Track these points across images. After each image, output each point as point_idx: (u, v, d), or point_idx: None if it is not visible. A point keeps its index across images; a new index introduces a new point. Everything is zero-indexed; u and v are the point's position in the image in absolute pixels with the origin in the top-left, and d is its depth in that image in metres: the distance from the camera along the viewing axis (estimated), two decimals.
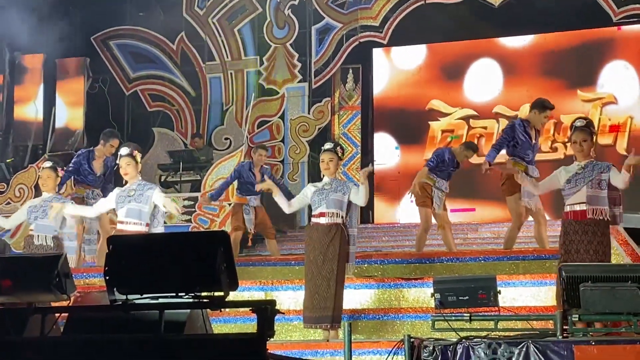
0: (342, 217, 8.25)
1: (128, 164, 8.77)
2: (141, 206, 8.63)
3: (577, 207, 7.64)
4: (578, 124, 7.89)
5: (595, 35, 15.37)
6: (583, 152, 7.79)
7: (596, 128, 14.67)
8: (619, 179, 7.57)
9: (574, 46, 15.39)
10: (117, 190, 8.92)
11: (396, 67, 16.36)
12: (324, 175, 8.53)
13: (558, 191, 7.93)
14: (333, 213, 8.24)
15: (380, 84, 16.44)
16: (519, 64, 15.65)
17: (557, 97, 15.06)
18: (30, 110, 16.91)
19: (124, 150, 8.86)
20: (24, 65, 17.15)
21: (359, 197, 8.28)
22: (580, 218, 7.60)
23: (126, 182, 8.90)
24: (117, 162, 8.99)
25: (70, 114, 16.75)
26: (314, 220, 8.36)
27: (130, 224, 8.59)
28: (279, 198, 8.59)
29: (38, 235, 9.01)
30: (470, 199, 15.20)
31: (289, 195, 9.61)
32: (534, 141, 9.78)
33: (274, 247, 11.31)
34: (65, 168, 10.06)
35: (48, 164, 9.41)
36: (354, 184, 8.58)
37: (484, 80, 15.78)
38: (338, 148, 8.55)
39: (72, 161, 10.98)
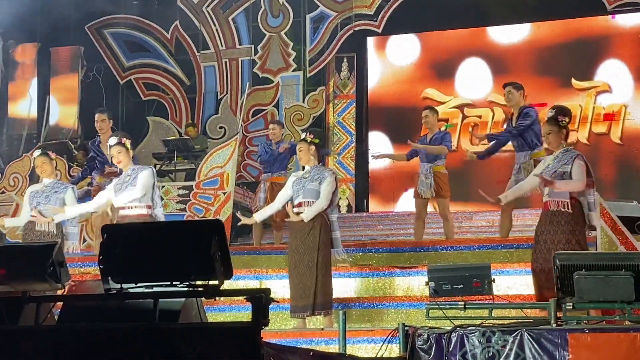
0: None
1: (119, 152, 8.69)
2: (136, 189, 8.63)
3: (545, 199, 7.78)
4: (549, 114, 8.05)
5: (589, 30, 15.27)
6: (550, 144, 7.90)
7: (590, 117, 14.70)
8: (568, 183, 7.63)
9: (568, 42, 15.30)
10: (114, 181, 8.85)
11: (390, 63, 16.21)
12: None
13: None
14: (310, 202, 8.24)
15: (373, 80, 16.35)
16: (512, 62, 15.55)
17: (551, 92, 15.08)
18: (23, 106, 16.87)
19: (112, 140, 8.78)
20: (16, 59, 17.10)
21: (320, 197, 8.26)
22: (547, 208, 7.73)
23: (121, 171, 8.88)
24: (109, 152, 8.94)
25: (62, 111, 16.70)
26: (295, 210, 8.32)
27: (133, 208, 8.57)
28: (262, 213, 8.57)
29: (41, 223, 8.87)
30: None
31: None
32: None
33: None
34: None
35: (37, 152, 9.36)
36: (331, 172, 8.52)
37: (475, 81, 15.69)
38: (306, 134, 8.57)
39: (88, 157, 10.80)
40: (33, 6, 16.04)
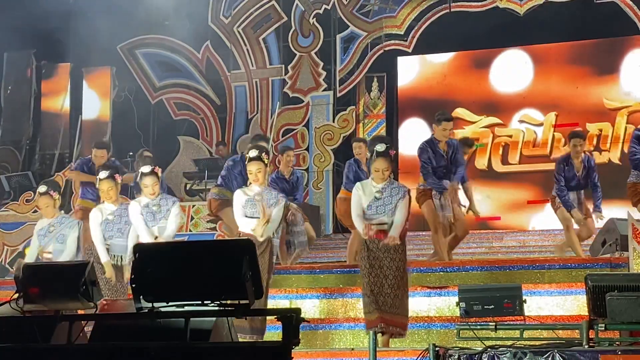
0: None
1: (154, 183, 8.49)
2: (169, 223, 8.57)
3: (379, 228, 7.94)
4: (379, 148, 8.00)
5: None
6: (383, 178, 8.02)
7: (622, 136, 14.58)
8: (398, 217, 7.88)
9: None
10: (136, 206, 8.53)
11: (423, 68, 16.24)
12: (250, 183, 8.33)
13: None
14: None
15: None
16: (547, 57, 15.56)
17: (583, 90, 15.04)
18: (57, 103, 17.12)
19: (146, 169, 8.54)
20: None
21: (272, 222, 8.16)
22: (383, 238, 7.90)
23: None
24: (137, 180, 8.72)
25: (102, 106, 16.92)
26: (246, 231, 8.18)
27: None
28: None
29: (114, 255, 8.55)
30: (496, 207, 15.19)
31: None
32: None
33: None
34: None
35: (104, 174, 8.63)
36: (282, 196, 8.42)
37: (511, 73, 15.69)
38: (264, 155, 8.26)
39: (223, 175, 10.40)
40: (65, 27, 16.22)
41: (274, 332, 8.23)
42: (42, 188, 9.09)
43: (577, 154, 10.37)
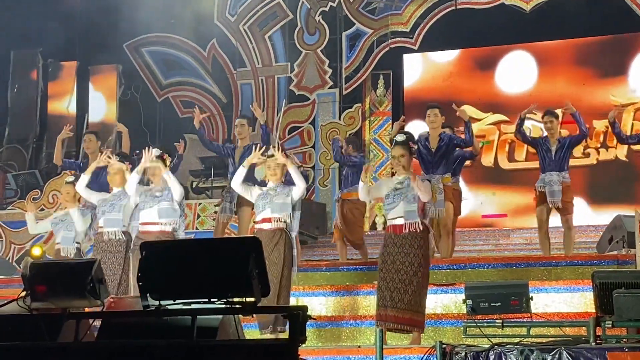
0: (285, 222, 8.21)
1: (157, 166, 8.67)
2: (172, 204, 8.63)
3: (396, 222, 7.90)
4: (398, 138, 8.13)
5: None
6: (404, 167, 8.02)
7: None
8: (420, 192, 7.80)
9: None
10: (135, 176, 8.71)
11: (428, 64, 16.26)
12: (268, 180, 8.46)
13: None
14: (278, 218, 8.19)
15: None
16: (553, 56, 15.56)
17: (589, 87, 15.03)
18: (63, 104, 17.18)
19: (156, 152, 8.75)
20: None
21: (296, 189, 8.24)
22: (399, 232, 7.87)
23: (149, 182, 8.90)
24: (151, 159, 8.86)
25: (108, 108, 16.96)
26: (257, 226, 8.28)
27: (163, 224, 8.54)
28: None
29: (107, 231, 8.80)
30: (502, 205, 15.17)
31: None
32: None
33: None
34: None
35: (117, 158, 9.14)
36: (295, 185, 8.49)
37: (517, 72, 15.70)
38: (281, 152, 8.46)
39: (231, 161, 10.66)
40: (72, 25, 16.22)
41: None
42: (70, 178, 9.58)
43: (549, 130, 10.47)
